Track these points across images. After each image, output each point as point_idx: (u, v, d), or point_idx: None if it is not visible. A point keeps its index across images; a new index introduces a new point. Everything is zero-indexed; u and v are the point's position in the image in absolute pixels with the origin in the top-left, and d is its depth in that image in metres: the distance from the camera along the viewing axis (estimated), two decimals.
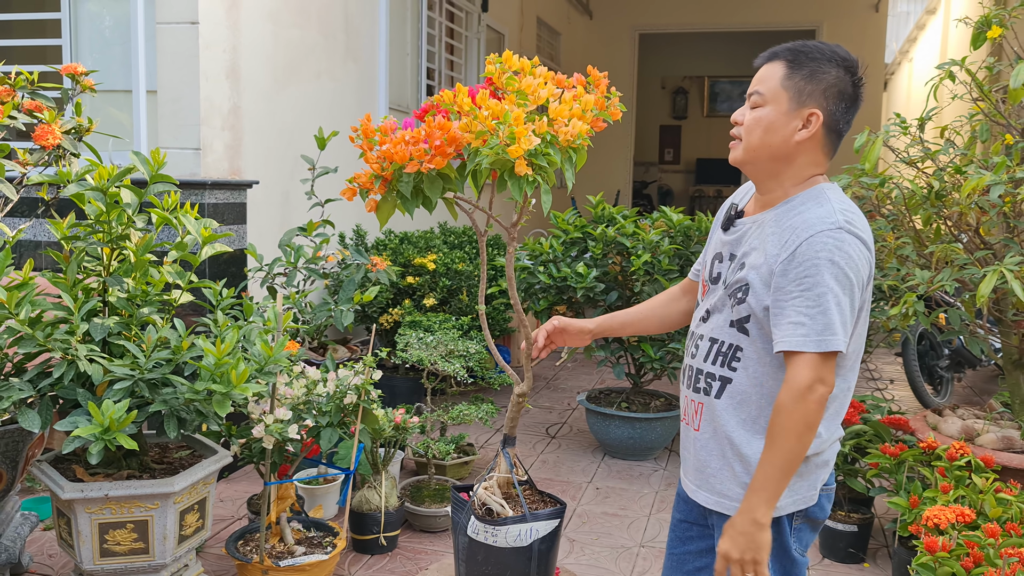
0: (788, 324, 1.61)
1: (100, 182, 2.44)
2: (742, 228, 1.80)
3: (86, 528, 2.46)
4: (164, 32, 3.94)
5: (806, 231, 1.62)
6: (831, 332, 1.59)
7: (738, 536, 1.64)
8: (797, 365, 1.61)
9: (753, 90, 1.74)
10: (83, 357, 2.38)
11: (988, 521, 2.60)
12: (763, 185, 1.78)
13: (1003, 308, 3.28)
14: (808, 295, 1.60)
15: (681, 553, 1.97)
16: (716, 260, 1.85)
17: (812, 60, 1.69)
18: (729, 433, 1.75)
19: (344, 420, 2.97)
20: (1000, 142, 3.18)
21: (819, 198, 1.69)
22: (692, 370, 1.83)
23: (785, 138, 1.70)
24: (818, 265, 1.60)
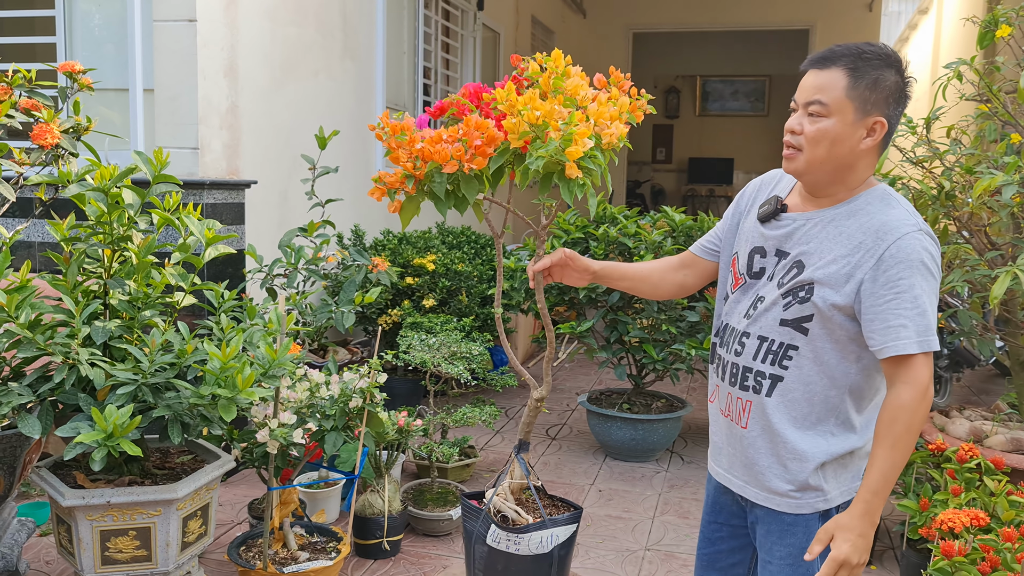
0: (890, 328, 1.63)
1: (102, 182, 2.39)
2: (791, 224, 1.78)
3: (87, 535, 2.41)
4: (161, 30, 3.89)
5: (891, 234, 1.64)
6: (931, 332, 1.62)
7: (859, 540, 1.64)
8: (914, 367, 1.62)
9: (813, 99, 1.68)
10: (84, 361, 2.33)
11: (1002, 524, 2.58)
12: (821, 190, 1.76)
13: (1012, 309, 3.26)
14: (904, 297, 1.62)
15: (713, 552, 2.00)
16: (756, 255, 1.83)
17: (873, 67, 1.67)
18: (780, 431, 1.76)
19: (348, 424, 2.93)
20: (1006, 142, 3.16)
21: (886, 199, 1.71)
22: (738, 368, 1.83)
23: (851, 148, 1.69)
24: (911, 267, 1.62)
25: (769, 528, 1.82)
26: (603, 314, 4.36)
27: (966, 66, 3.17)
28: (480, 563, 2.25)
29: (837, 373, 1.72)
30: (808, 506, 1.77)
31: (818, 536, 1.69)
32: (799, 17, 11.63)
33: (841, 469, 1.77)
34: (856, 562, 1.63)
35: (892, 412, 1.63)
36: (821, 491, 1.77)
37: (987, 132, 3.21)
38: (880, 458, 1.64)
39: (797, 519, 1.78)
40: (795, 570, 1.79)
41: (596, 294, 4.29)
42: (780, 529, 1.80)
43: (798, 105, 1.72)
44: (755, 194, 1.93)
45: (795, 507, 1.78)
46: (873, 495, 1.64)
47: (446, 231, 5.53)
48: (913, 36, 12.47)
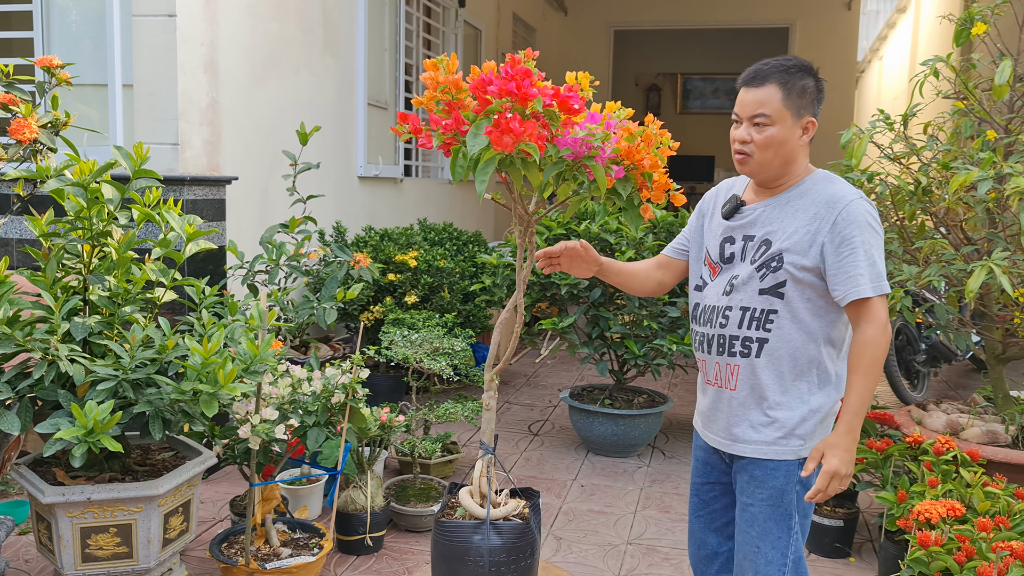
0: (849, 278, 1.91)
1: (81, 177, 2.37)
2: (752, 213, 2.09)
3: (67, 533, 2.40)
4: (140, 25, 3.86)
5: (839, 202, 1.96)
6: (882, 278, 1.92)
7: (845, 453, 1.90)
8: (873, 307, 1.91)
9: (757, 112, 1.99)
10: (64, 357, 2.32)
11: (977, 515, 2.62)
12: (771, 183, 2.08)
13: (987, 303, 3.30)
14: (858, 252, 1.92)
15: (708, 512, 2.24)
16: (727, 243, 2.12)
17: (798, 78, 1.99)
18: (769, 386, 2.02)
19: (330, 420, 2.92)
20: (982, 138, 3.21)
21: (828, 178, 2.05)
22: (724, 338, 2.07)
23: (793, 146, 2.02)
24: (859, 227, 1.93)
25: (752, 475, 2.06)
26: (584, 310, 4.38)
27: (942, 63, 3.21)
28: None
29: (813, 327, 1.99)
30: (791, 452, 2.02)
31: (811, 455, 1.94)
32: (779, 16, 11.70)
33: (823, 420, 2.04)
34: (844, 472, 1.90)
35: (861, 347, 1.91)
36: (803, 440, 2.02)
37: (963, 128, 3.25)
38: (856, 385, 1.92)
39: (779, 464, 2.03)
40: (775, 510, 2.03)
41: (578, 291, 4.31)
42: (763, 474, 2.04)
43: (742, 119, 2.02)
44: (714, 199, 2.24)
45: (779, 453, 2.02)
46: (853, 415, 1.91)
47: (428, 227, 5.53)
48: (891, 34, 12.58)
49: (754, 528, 2.05)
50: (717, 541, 2.24)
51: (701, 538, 2.26)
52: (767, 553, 2.04)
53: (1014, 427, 3.24)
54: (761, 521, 2.04)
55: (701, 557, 2.27)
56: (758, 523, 2.04)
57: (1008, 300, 3.09)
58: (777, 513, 2.03)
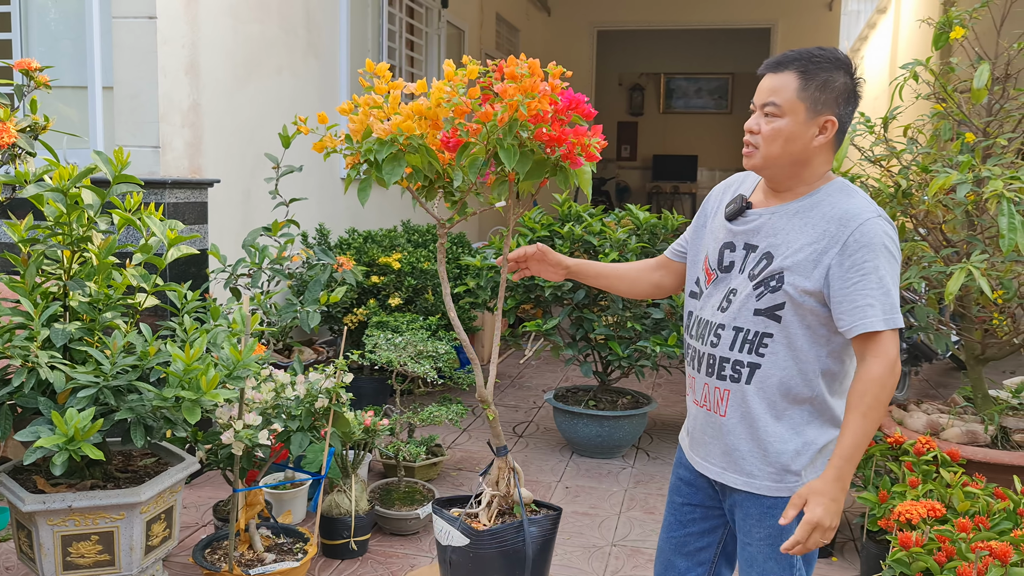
0: (857, 308, 1.72)
1: (60, 182, 2.35)
2: (757, 219, 1.88)
3: (48, 541, 2.38)
4: (120, 27, 3.83)
5: (853, 220, 1.75)
6: (896, 311, 1.73)
7: (831, 503, 1.71)
8: (883, 343, 1.71)
9: (768, 100, 1.80)
10: (44, 364, 2.30)
11: (958, 515, 2.64)
12: (780, 184, 1.87)
13: (966, 305, 3.33)
14: (870, 279, 1.72)
15: (682, 535, 2.07)
16: (726, 250, 1.92)
17: (823, 70, 1.78)
18: (760, 416, 1.84)
19: (314, 424, 2.91)
20: (960, 141, 3.24)
21: (845, 190, 1.82)
22: (714, 359, 1.90)
23: (805, 145, 1.80)
24: (875, 250, 1.72)
25: (748, 512, 1.90)
26: (569, 312, 4.38)
27: (922, 66, 3.24)
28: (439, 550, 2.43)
29: (810, 357, 1.80)
30: (787, 489, 1.85)
31: (792, 501, 1.75)
32: (761, 16, 11.75)
33: (819, 455, 1.85)
34: (828, 524, 1.71)
35: (863, 384, 1.72)
36: (799, 476, 1.84)
37: (942, 131, 3.28)
38: (852, 426, 1.72)
39: (776, 502, 1.86)
40: (774, 550, 1.87)
41: (562, 292, 4.31)
42: (760, 512, 1.88)
43: (756, 107, 1.83)
44: (721, 196, 2.02)
45: (775, 490, 1.86)
46: (845, 461, 1.72)
47: (412, 229, 5.52)
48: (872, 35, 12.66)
49: (754, 569, 1.91)
50: (686, 565, 2.08)
51: (669, 559, 2.10)
52: None
53: (993, 427, 3.27)
54: (761, 562, 1.89)
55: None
56: (757, 564, 1.90)
57: (987, 301, 3.12)
58: (776, 553, 1.86)
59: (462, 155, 2.16)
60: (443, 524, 2.50)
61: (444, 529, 2.49)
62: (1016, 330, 3.35)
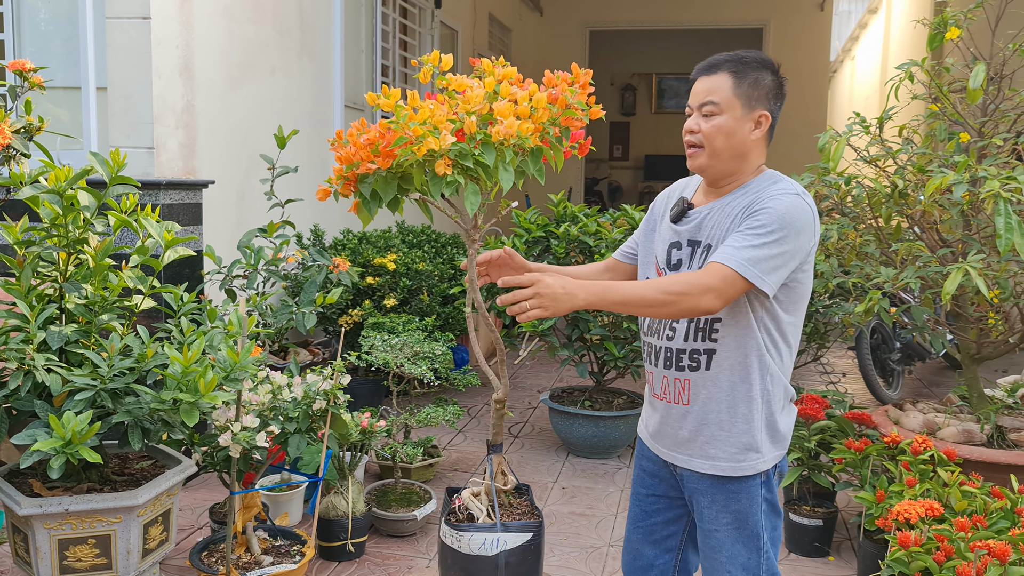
0: (724, 247, 1.83)
1: (56, 184, 2.34)
2: (698, 217, 1.98)
3: (45, 545, 2.36)
4: (114, 27, 3.81)
5: (768, 193, 1.87)
6: (753, 264, 1.79)
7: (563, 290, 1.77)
8: (714, 270, 1.80)
9: (706, 100, 1.92)
10: (40, 367, 2.28)
11: (955, 515, 2.65)
12: (721, 180, 1.98)
13: (962, 304, 3.34)
14: (751, 233, 1.82)
15: (649, 524, 2.15)
16: (673, 248, 2.01)
17: (752, 69, 1.91)
18: (720, 399, 1.93)
19: (311, 426, 2.90)
20: (955, 141, 3.25)
21: (774, 178, 1.95)
22: (671, 351, 1.98)
23: (743, 139, 1.92)
24: (772, 215, 1.82)
25: (714, 498, 1.97)
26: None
27: (917, 67, 3.24)
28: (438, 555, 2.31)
29: (758, 331, 1.90)
30: (750, 467, 1.94)
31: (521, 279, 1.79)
32: (753, 16, 11.78)
33: (774, 431, 1.96)
34: (547, 294, 1.76)
35: (679, 276, 1.84)
36: (759, 452, 1.94)
37: (937, 132, 3.29)
38: (637, 286, 1.84)
39: (741, 486, 1.94)
40: (741, 533, 1.96)
41: None
42: (725, 497, 1.96)
43: (693, 109, 1.95)
44: (666, 201, 2.13)
45: (738, 470, 1.94)
46: (606, 291, 1.82)
47: (406, 230, 5.51)
48: (863, 35, 12.71)
49: (722, 554, 1.97)
50: (654, 553, 2.15)
51: (637, 548, 2.17)
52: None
53: (989, 426, 3.28)
54: (729, 546, 1.96)
55: (635, 568, 2.19)
56: (726, 548, 1.97)
57: (982, 301, 3.13)
58: (744, 536, 1.95)
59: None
60: (486, 535, 2.30)
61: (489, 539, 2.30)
62: (1011, 329, 3.36)
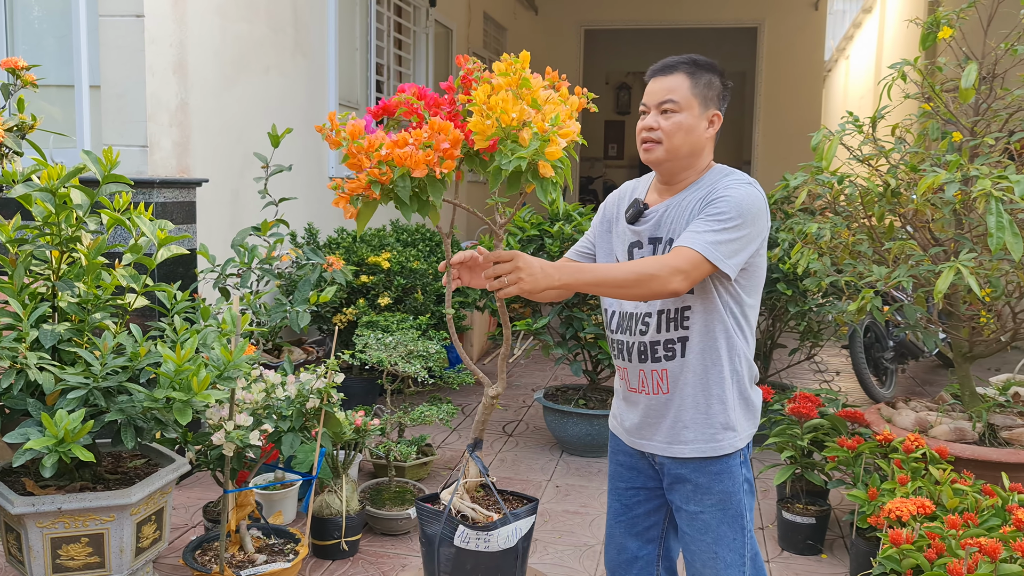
0: (687, 232, 1.91)
1: (49, 182, 2.34)
2: (655, 215, 2.06)
3: (37, 543, 2.36)
4: (107, 25, 3.80)
5: (722, 183, 1.98)
6: (716, 247, 1.88)
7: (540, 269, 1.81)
8: (681, 253, 1.87)
9: (666, 99, 1.99)
10: (33, 365, 2.28)
11: (947, 512, 2.66)
12: (676, 176, 2.07)
13: (954, 303, 3.36)
14: (711, 219, 1.91)
15: (630, 517, 2.21)
16: (635, 248, 2.09)
17: (705, 71, 2.01)
18: (697, 383, 2.01)
19: (305, 424, 2.90)
20: (948, 140, 3.26)
21: (725, 171, 2.05)
22: (645, 345, 2.05)
23: (699, 136, 2.02)
24: (730, 203, 1.92)
25: (697, 483, 2.04)
26: (558, 311, 4.39)
27: (910, 66, 3.25)
28: (447, 565, 2.23)
29: (724, 314, 1.99)
30: (729, 445, 2.02)
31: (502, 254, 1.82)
32: (748, 15, 11.79)
33: (744, 405, 2.06)
34: (525, 267, 1.80)
35: (648, 259, 1.92)
36: (734, 430, 2.03)
37: (930, 131, 3.30)
38: (607, 268, 1.90)
39: (723, 466, 2.02)
40: (725, 514, 2.03)
41: None
42: (708, 480, 2.03)
43: (650, 108, 2.02)
44: (617, 203, 2.20)
45: (718, 449, 2.01)
46: (579, 272, 1.88)
47: (400, 229, 5.51)
48: (857, 34, 12.74)
49: (708, 535, 2.04)
50: (637, 545, 2.20)
51: (621, 542, 2.21)
52: (725, 557, 2.03)
53: (981, 424, 3.30)
54: (715, 527, 2.03)
55: (621, 562, 2.22)
56: (711, 529, 2.03)
57: (974, 300, 3.14)
58: (728, 516, 2.02)
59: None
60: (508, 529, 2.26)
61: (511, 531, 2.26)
62: (1002, 328, 3.38)
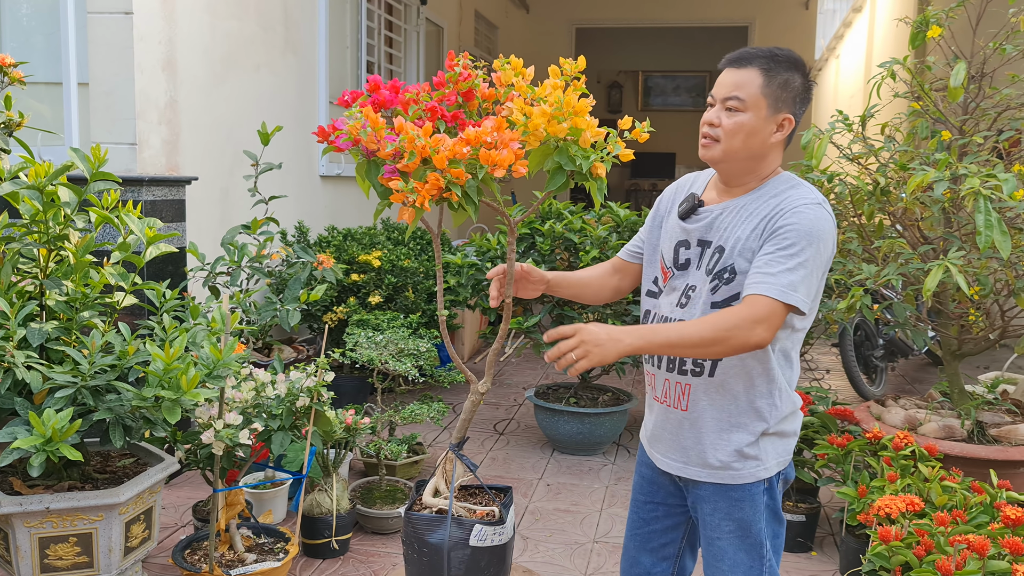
0: (758, 273, 1.75)
1: (36, 180, 2.32)
2: (709, 216, 1.91)
3: (25, 543, 2.35)
4: (96, 22, 3.78)
5: (790, 205, 1.79)
6: (794, 289, 1.72)
7: (610, 338, 1.70)
8: (758, 303, 1.72)
9: (731, 95, 1.83)
10: (20, 364, 2.27)
11: (936, 509, 2.67)
12: (735, 179, 1.90)
13: (943, 301, 3.37)
14: (782, 254, 1.75)
15: (646, 532, 2.11)
16: (681, 247, 1.95)
17: (784, 69, 1.83)
18: (720, 406, 1.87)
19: (295, 423, 2.90)
20: (937, 138, 3.27)
21: (792, 182, 1.88)
22: None
23: (763, 140, 1.85)
24: (800, 232, 1.75)
25: (716, 506, 1.92)
26: (549, 309, 4.39)
27: (899, 65, 3.27)
28: (460, 568, 2.22)
29: (767, 346, 1.81)
30: (750, 475, 1.88)
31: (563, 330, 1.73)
32: (738, 14, 11.82)
33: (777, 439, 1.90)
34: (592, 342, 1.69)
35: (728, 313, 1.74)
36: (759, 459, 1.88)
37: (919, 129, 3.31)
38: (689, 325, 1.74)
39: (743, 494, 1.88)
40: (744, 542, 1.90)
41: None
42: (728, 505, 1.90)
43: (716, 100, 1.86)
44: (673, 196, 2.06)
45: (738, 478, 1.88)
46: (652, 333, 1.75)
47: (391, 227, 5.50)
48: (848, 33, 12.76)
49: (724, 563, 1.93)
50: (651, 561, 2.11)
51: (635, 556, 2.13)
52: None
53: (970, 422, 3.31)
54: (731, 554, 1.91)
55: (633, 575, 2.15)
56: (728, 557, 1.92)
57: (963, 298, 3.16)
58: (746, 545, 1.90)
59: None
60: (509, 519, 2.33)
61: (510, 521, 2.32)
62: (991, 326, 3.39)
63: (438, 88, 2.04)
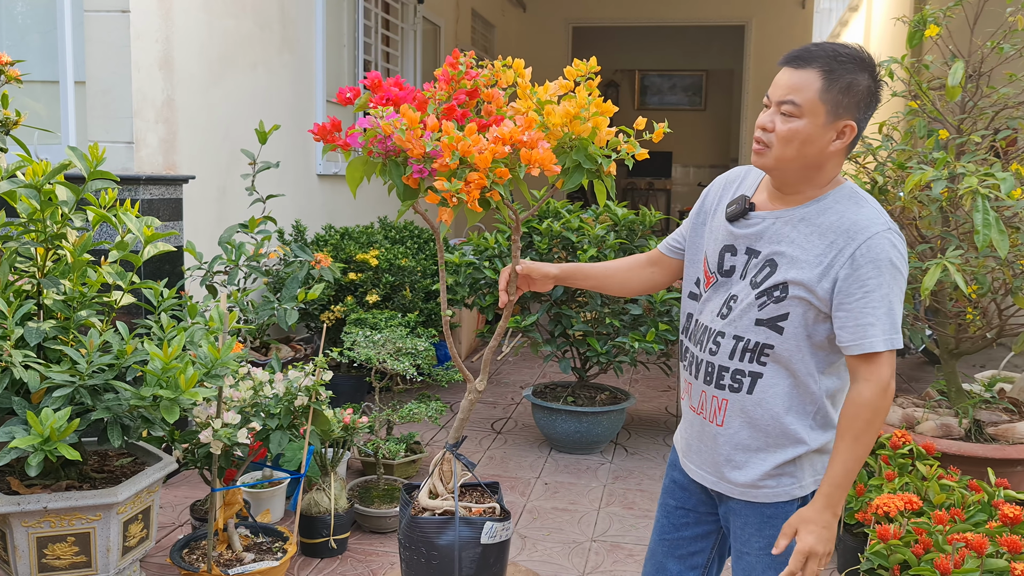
0: (859, 327, 1.65)
1: (34, 179, 2.32)
2: (760, 223, 1.78)
3: (23, 543, 2.35)
4: (93, 20, 3.77)
5: (862, 233, 1.67)
6: (897, 331, 1.65)
7: (823, 531, 1.67)
8: (877, 364, 1.65)
9: (787, 98, 1.67)
10: (18, 363, 2.26)
11: (934, 508, 2.68)
12: (789, 187, 1.77)
13: (941, 300, 3.37)
14: (874, 296, 1.64)
15: (675, 538, 2.02)
16: (727, 253, 1.83)
17: (847, 71, 1.66)
18: (757, 425, 1.78)
19: (293, 422, 2.89)
20: (935, 137, 3.28)
21: (854, 197, 1.73)
22: (713, 367, 1.82)
23: (821, 149, 1.69)
24: (880, 266, 1.64)
25: (747, 520, 1.85)
26: (547, 308, 4.39)
27: (897, 64, 3.27)
28: (471, 568, 2.22)
29: (812, 369, 1.74)
30: (784, 493, 1.80)
31: (783, 531, 1.72)
32: (735, 13, 11.82)
33: (816, 456, 1.81)
34: (822, 551, 1.67)
35: (855, 408, 1.66)
36: (795, 478, 1.79)
37: (917, 128, 3.32)
38: (842, 452, 1.67)
39: (776, 510, 1.80)
40: (773, 560, 1.81)
41: None
42: (759, 521, 1.83)
43: (771, 102, 1.71)
44: (720, 192, 1.92)
45: (771, 496, 1.80)
46: (835, 488, 1.68)
47: (388, 226, 5.50)
48: (844, 32, 12.78)
49: None
50: (678, 569, 2.02)
51: (661, 562, 2.04)
52: None
53: (967, 420, 3.32)
54: (760, 571, 1.83)
55: None
56: (756, 573, 1.84)
57: (961, 296, 3.16)
58: (776, 563, 1.79)
59: None
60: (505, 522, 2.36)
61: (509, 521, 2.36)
62: (988, 325, 3.40)
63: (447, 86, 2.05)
